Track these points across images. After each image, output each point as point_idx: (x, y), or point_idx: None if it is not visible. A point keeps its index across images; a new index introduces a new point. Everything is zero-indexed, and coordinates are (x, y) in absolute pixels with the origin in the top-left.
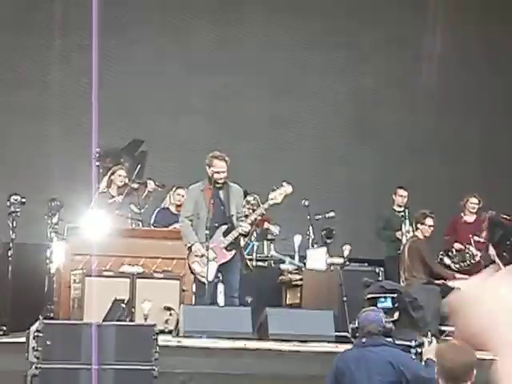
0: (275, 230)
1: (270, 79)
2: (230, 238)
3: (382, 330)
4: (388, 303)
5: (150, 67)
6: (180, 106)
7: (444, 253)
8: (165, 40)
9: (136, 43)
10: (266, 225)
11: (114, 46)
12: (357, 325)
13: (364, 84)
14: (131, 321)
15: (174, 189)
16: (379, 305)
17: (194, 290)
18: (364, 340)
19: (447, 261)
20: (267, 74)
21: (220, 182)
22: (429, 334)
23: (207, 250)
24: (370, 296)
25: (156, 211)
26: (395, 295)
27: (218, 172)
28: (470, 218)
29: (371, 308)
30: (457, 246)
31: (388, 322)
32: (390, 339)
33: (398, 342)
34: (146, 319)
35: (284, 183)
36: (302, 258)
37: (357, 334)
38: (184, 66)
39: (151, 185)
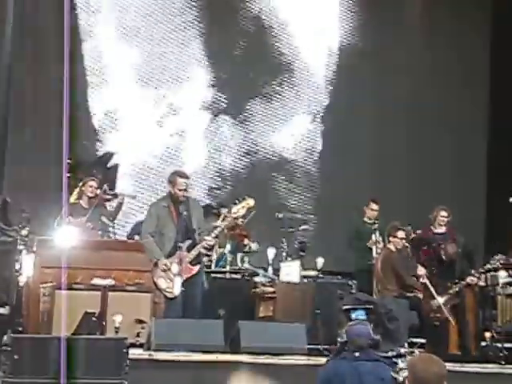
0: (254, 247)
1: None
2: (195, 252)
3: (370, 343)
4: (363, 315)
5: None
6: None
7: None
8: None
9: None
10: (246, 241)
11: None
12: (345, 338)
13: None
14: (102, 334)
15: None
16: (354, 316)
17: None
18: (357, 354)
19: None
20: None
21: (183, 199)
22: (405, 344)
23: (172, 264)
24: (345, 307)
25: (134, 224)
26: (370, 307)
27: (181, 190)
28: (439, 231)
29: (358, 321)
30: None
31: (376, 335)
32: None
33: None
34: (117, 332)
35: (246, 197)
36: (276, 271)
37: (345, 348)
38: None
39: (122, 196)
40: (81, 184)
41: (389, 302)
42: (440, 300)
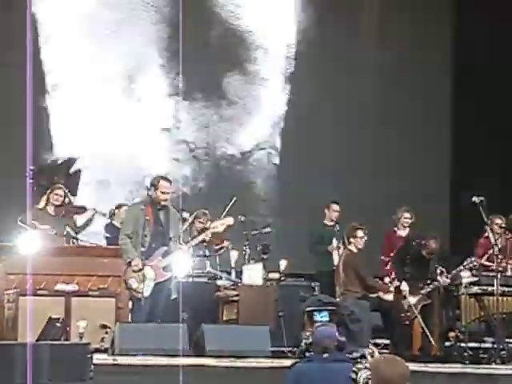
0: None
1: None
2: (169, 259)
3: (337, 344)
4: (325, 316)
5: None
6: None
7: None
8: None
9: None
10: (225, 243)
11: None
12: (311, 340)
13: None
14: (66, 340)
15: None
16: (317, 318)
17: (130, 307)
18: (325, 355)
19: None
20: None
21: (165, 202)
22: (369, 345)
23: (144, 267)
24: (307, 309)
25: (104, 225)
26: (333, 308)
27: (164, 192)
28: (403, 233)
29: (323, 323)
30: None
31: (341, 337)
32: None
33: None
34: (81, 338)
35: (227, 214)
36: (239, 274)
37: (310, 349)
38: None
39: (94, 212)
40: (48, 191)
41: (351, 304)
42: (412, 300)
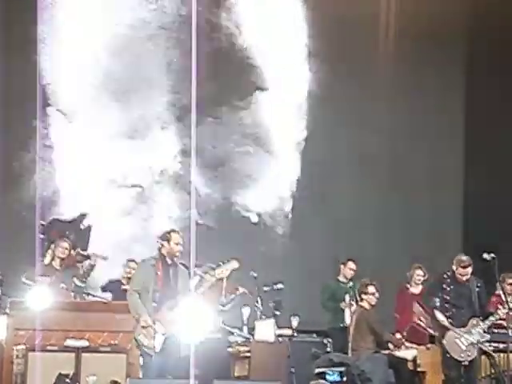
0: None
1: None
2: (179, 313)
3: None
4: (336, 377)
5: None
6: None
7: None
8: None
9: None
10: (240, 290)
11: None
12: None
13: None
14: None
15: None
16: (328, 378)
17: (140, 363)
18: None
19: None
20: None
21: (178, 254)
22: None
23: (154, 322)
24: (318, 370)
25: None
26: (343, 368)
27: (177, 243)
28: (416, 290)
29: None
30: None
31: None
32: None
33: None
34: None
35: (231, 259)
36: (251, 330)
37: None
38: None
39: (95, 257)
40: (53, 246)
41: (364, 361)
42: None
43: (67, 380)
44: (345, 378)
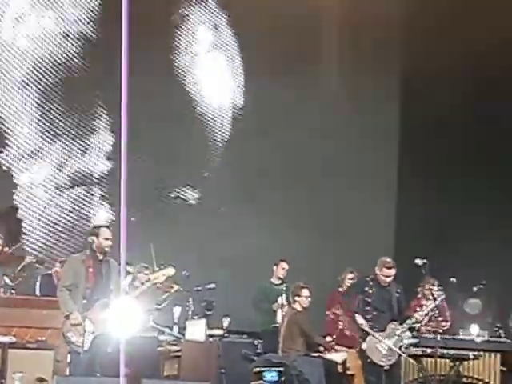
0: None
1: None
2: (109, 312)
3: None
4: (275, 376)
5: None
6: None
7: None
8: None
9: None
10: (175, 287)
11: None
12: None
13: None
14: None
15: None
16: (266, 378)
17: (68, 360)
18: None
19: None
20: None
21: (107, 249)
22: None
23: (84, 320)
24: (257, 369)
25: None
26: (282, 368)
27: (106, 238)
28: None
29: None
30: None
31: None
32: None
33: None
34: None
35: (167, 265)
36: (182, 329)
37: None
38: None
39: (29, 259)
40: None
41: (301, 362)
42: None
43: None
44: (283, 378)
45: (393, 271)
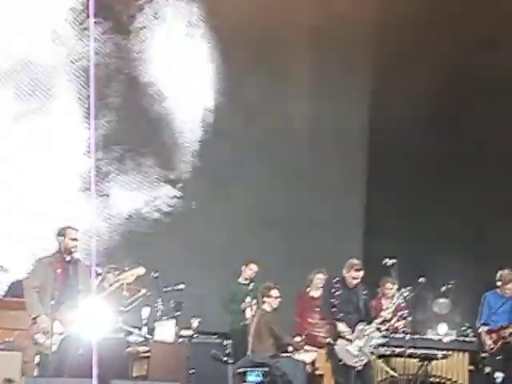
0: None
1: None
2: (78, 313)
3: None
4: (259, 377)
5: None
6: None
7: None
8: None
9: None
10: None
11: None
12: None
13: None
14: None
15: None
16: (249, 378)
17: (36, 361)
18: None
19: None
20: None
21: (73, 250)
22: None
23: (52, 321)
24: (240, 370)
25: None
26: (265, 369)
27: (72, 239)
28: (316, 293)
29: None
30: None
31: None
32: None
33: None
34: None
35: (137, 265)
36: (150, 330)
37: None
38: None
39: None
40: None
41: (285, 363)
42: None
43: None
44: (267, 379)
45: (361, 273)
